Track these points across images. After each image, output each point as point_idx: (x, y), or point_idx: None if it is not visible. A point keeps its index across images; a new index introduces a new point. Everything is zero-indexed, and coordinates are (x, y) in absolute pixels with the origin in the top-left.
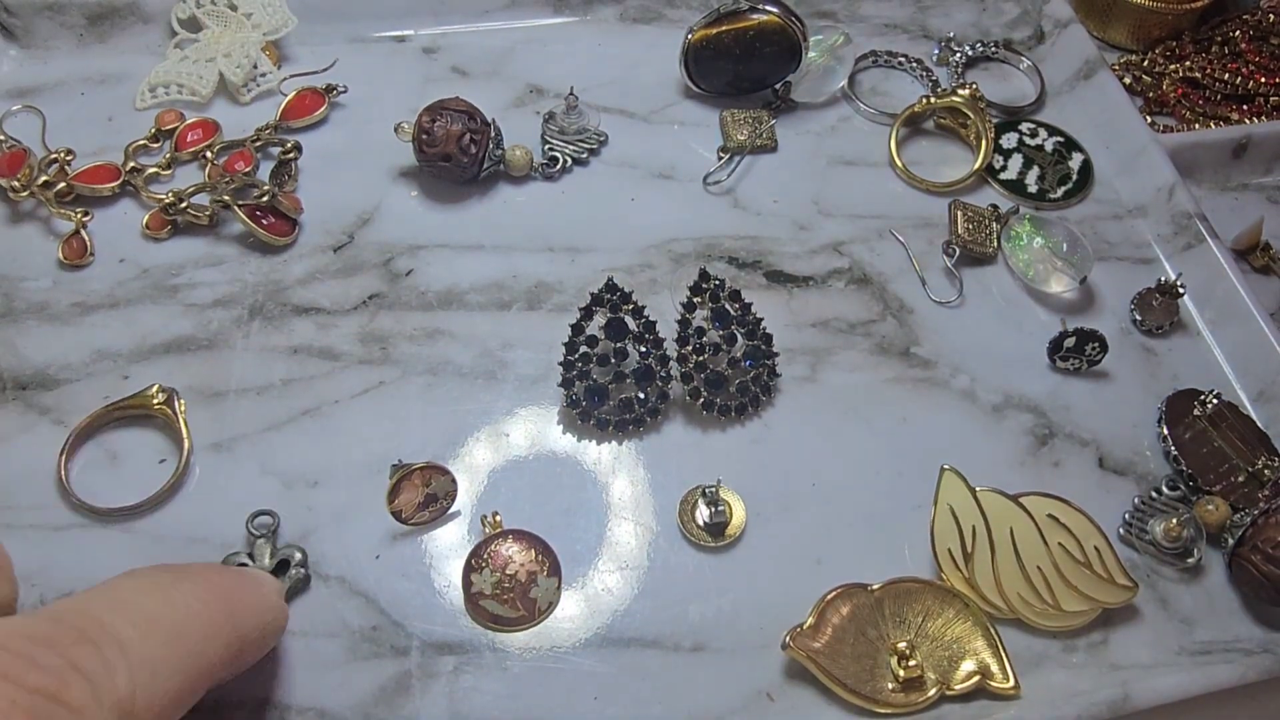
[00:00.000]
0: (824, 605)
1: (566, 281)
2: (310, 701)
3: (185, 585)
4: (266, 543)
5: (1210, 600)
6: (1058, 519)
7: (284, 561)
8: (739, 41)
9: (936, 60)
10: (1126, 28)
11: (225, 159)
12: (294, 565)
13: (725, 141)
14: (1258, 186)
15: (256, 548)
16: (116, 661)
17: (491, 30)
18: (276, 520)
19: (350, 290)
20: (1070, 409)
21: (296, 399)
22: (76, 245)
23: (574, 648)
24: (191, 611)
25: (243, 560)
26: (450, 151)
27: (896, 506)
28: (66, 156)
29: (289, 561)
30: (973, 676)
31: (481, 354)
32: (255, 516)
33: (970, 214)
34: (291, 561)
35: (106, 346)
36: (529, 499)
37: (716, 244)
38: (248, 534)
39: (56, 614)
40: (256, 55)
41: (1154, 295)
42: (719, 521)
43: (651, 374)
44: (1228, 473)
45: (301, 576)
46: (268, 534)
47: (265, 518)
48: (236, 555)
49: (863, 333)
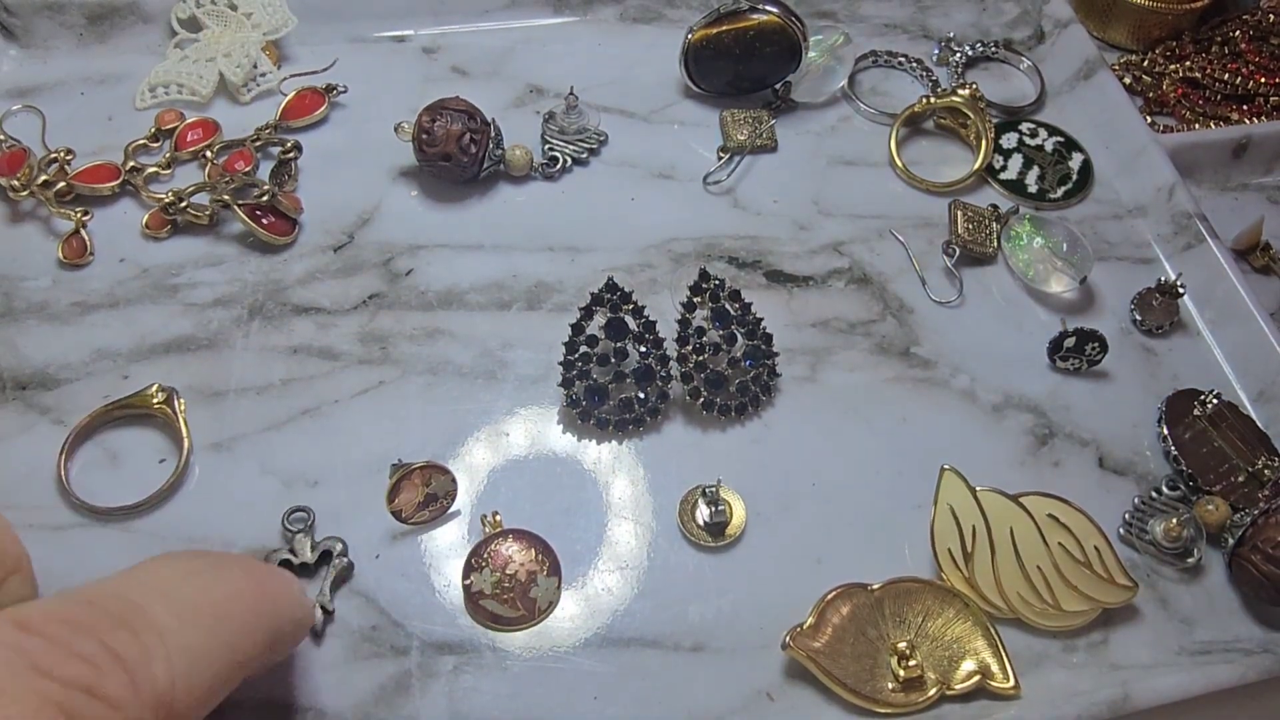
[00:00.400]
0: (824, 605)
1: (566, 281)
2: (310, 701)
3: (224, 572)
4: (305, 536)
5: (1210, 600)
6: (1058, 519)
7: (326, 552)
8: (739, 41)
9: (936, 60)
10: (1126, 28)
11: (225, 159)
12: (336, 555)
13: (725, 141)
14: (1258, 186)
15: (296, 542)
16: (155, 649)
17: (491, 30)
18: (312, 515)
19: (350, 290)
20: (1070, 409)
21: (296, 399)
22: (76, 245)
23: (574, 647)
24: (231, 599)
25: (285, 556)
26: (450, 151)
27: (896, 506)
28: (66, 156)
29: (331, 552)
30: (973, 676)
31: (481, 354)
32: (291, 512)
33: (970, 214)
34: (334, 552)
35: (106, 346)
36: (529, 499)
37: (716, 244)
38: (283, 530)
39: (90, 597)
40: (256, 55)
41: (1154, 295)
42: (719, 521)
43: (652, 374)
44: (1228, 473)
45: (345, 565)
46: (305, 528)
47: (301, 512)
48: (279, 552)
49: (863, 333)
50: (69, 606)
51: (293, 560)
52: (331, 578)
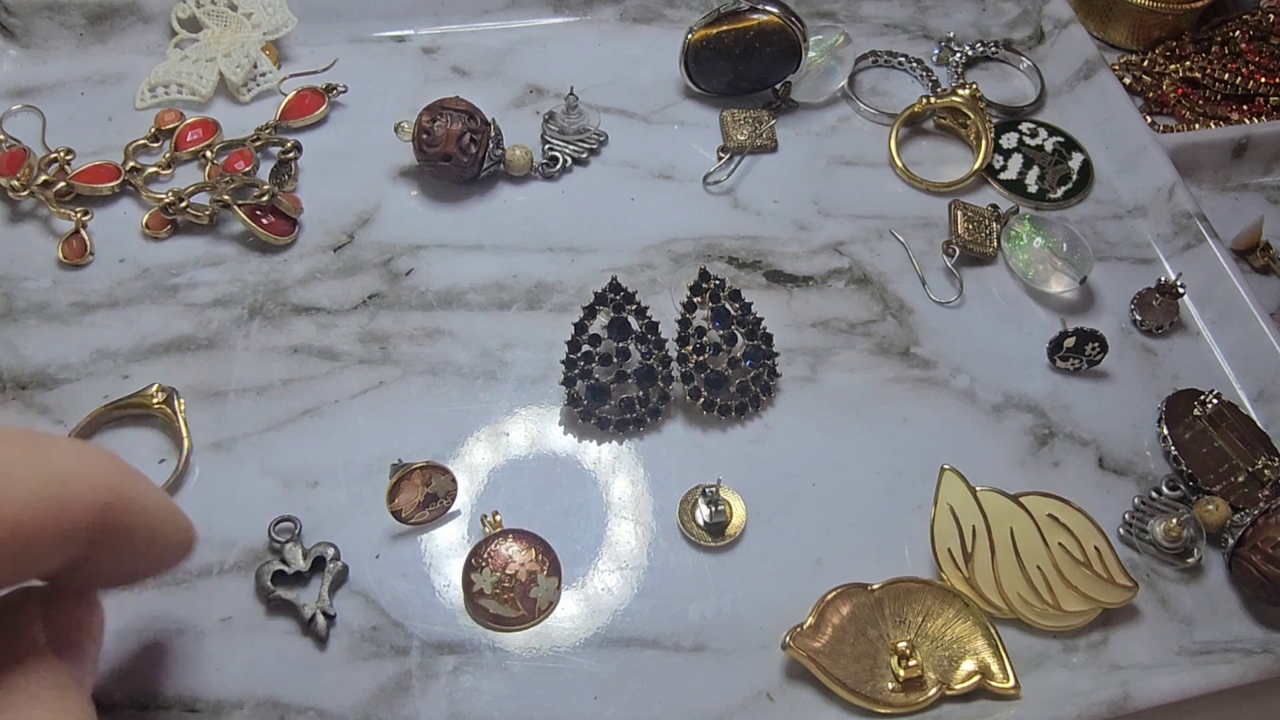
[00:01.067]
0: (824, 605)
1: (566, 281)
2: (310, 701)
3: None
4: (295, 544)
5: (1210, 600)
6: (1058, 519)
7: (319, 559)
8: (739, 41)
9: (936, 60)
10: (1126, 28)
11: (225, 159)
12: (329, 560)
13: (725, 141)
14: (1258, 186)
15: (287, 551)
16: None
17: (491, 30)
18: (298, 524)
19: (350, 290)
20: (1070, 409)
21: (296, 399)
22: (76, 245)
23: (574, 647)
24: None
25: (278, 567)
26: (450, 151)
27: (896, 506)
28: (66, 156)
29: (324, 558)
30: (973, 676)
31: (481, 354)
32: (277, 523)
33: (970, 214)
34: (327, 558)
35: (106, 346)
36: (529, 499)
37: (716, 244)
38: (270, 540)
39: None
40: (256, 55)
41: (1154, 295)
42: (719, 521)
43: (653, 374)
44: (1228, 473)
45: (340, 569)
46: (294, 537)
47: (286, 523)
48: (270, 564)
49: (863, 333)
50: None
51: (286, 570)
52: (328, 582)
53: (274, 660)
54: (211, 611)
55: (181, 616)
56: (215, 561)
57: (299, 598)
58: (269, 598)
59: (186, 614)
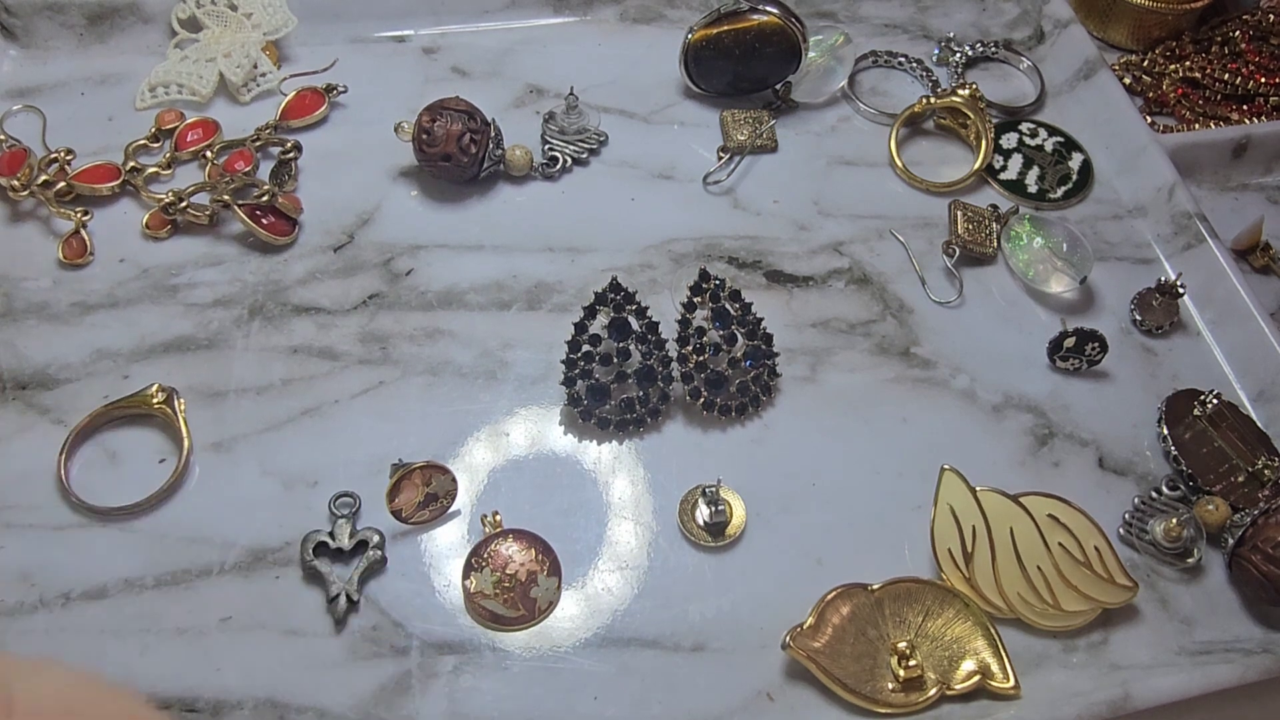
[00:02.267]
0: (824, 605)
1: (566, 281)
2: (310, 701)
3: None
4: (347, 522)
5: (1210, 600)
6: (1058, 519)
7: (362, 542)
8: (739, 42)
9: (936, 60)
10: (1126, 28)
11: (225, 159)
12: (371, 546)
13: (725, 141)
14: (1258, 186)
15: (337, 527)
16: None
17: (491, 30)
18: (358, 501)
19: (350, 290)
20: (1070, 409)
21: (296, 399)
22: (76, 245)
23: (574, 647)
24: None
25: (322, 539)
26: (450, 151)
27: (896, 506)
28: (66, 156)
29: (367, 542)
30: (973, 676)
31: (481, 354)
32: (338, 497)
33: (970, 214)
34: (370, 543)
35: (106, 346)
36: (529, 499)
37: (716, 244)
38: (330, 513)
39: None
40: (256, 55)
41: (1154, 295)
42: (719, 521)
43: (653, 374)
44: (1228, 473)
45: (379, 558)
46: (349, 514)
47: (347, 498)
48: (317, 533)
49: (863, 333)
50: None
51: (329, 544)
52: (363, 568)
53: (274, 660)
54: (211, 611)
55: (181, 616)
56: (215, 561)
57: (332, 574)
58: (306, 565)
59: (186, 614)
